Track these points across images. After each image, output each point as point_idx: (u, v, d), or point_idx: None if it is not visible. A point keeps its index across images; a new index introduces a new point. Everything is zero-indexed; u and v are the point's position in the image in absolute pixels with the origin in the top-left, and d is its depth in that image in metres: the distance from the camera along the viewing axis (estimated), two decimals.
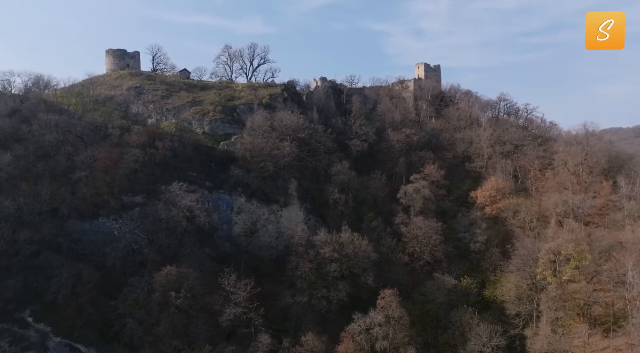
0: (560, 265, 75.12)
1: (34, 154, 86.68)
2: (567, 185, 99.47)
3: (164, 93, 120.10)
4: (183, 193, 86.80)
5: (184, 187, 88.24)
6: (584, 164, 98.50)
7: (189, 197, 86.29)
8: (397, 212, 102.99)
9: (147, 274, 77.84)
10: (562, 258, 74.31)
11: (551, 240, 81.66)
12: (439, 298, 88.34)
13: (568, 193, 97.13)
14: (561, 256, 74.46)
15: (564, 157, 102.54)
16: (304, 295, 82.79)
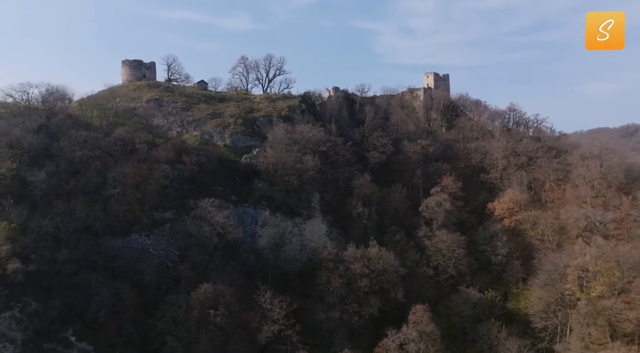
0: (588, 281, 77.24)
1: (65, 171, 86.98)
2: (585, 199, 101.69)
3: (183, 105, 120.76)
4: (214, 209, 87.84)
5: (215, 203, 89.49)
6: (602, 179, 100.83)
7: (221, 213, 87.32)
8: (419, 225, 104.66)
9: (183, 291, 78.93)
10: (590, 274, 76.41)
11: (576, 255, 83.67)
12: (464, 311, 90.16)
13: (587, 207, 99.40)
14: (589, 272, 76.55)
15: (583, 171, 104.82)
16: (336, 310, 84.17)
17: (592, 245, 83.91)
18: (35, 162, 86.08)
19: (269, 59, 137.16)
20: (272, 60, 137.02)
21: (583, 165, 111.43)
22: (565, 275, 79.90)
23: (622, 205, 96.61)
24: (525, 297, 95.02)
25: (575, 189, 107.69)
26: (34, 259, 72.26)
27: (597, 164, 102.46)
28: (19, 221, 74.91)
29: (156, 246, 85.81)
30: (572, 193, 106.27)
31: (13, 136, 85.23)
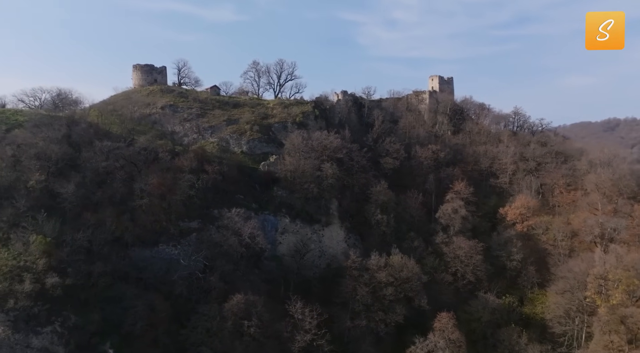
0: (607, 289, 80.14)
1: (91, 182, 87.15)
2: (596, 206, 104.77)
3: (198, 111, 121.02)
4: (241, 219, 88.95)
5: (241, 213, 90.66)
6: (613, 186, 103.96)
7: (249, 223, 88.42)
8: (436, 232, 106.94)
9: (214, 301, 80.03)
10: (610, 282, 79.30)
11: (595, 263, 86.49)
12: (484, 316, 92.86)
13: (599, 213, 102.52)
14: (609, 281, 79.42)
15: (594, 178, 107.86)
16: (362, 318, 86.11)
17: (609, 254, 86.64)
18: (61, 173, 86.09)
19: (281, 63, 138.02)
20: (283, 65, 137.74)
21: (592, 171, 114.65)
22: (585, 283, 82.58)
23: (633, 213, 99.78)
24: (541, 302, 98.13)
25: (586, 195, 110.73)
26: (70, 273, 72.57)
27: (609, 172, 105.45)
28: (53, 234, 75.14)
29: (184, 256, 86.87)
30: (583, 199, 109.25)
31: (40, 147, 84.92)
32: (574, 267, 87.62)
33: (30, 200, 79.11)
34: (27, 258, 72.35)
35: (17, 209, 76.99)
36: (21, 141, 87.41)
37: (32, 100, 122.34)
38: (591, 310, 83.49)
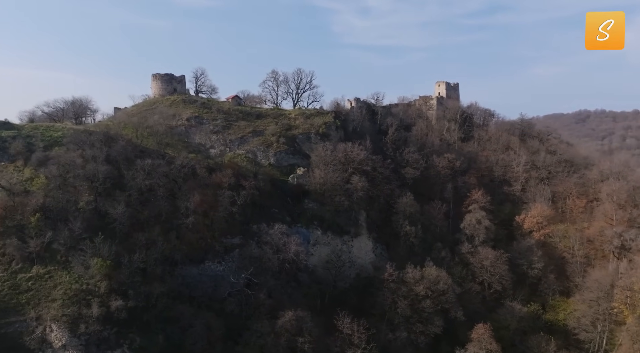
0: (633, 301, 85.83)
1: (136, 201, 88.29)
2: (611, 216, 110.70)
3: (223, 122, 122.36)
4: (284, 236, 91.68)
5: (283, 229, 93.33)
6: (628, 198, 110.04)
7: (293, 240, 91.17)
8: (461, 242, 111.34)
9: (264, 318, 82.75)
10: (637, 294, 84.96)
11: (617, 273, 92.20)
12: (512, 324, 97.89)
13: (614, 224, 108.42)
14: (635, 292, 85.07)
15: (609, 189, 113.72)
16: (402, 330, 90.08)
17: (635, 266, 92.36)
18: (108, 192, 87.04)
19: (299, 73, 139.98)
20: (301, 74, 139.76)
21: (604, 181, 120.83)
22: (610, 294, 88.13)
23: None
24: (563, 309, 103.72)
25: (599, 205, 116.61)
26: (131, 295, 74.22)
27: (624, 184, 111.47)
28: (110, 257, 76.51)
29: (228, 273, 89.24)
30: (597, 209, 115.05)
31: (87, 168, 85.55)
32: (600, 278, 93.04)
33: (82, 222, 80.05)
34: (89, 282, 73.86)
35: (72, 232, 77.94)
36: (66, 161, 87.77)
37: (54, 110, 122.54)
38: (617, 320, 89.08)
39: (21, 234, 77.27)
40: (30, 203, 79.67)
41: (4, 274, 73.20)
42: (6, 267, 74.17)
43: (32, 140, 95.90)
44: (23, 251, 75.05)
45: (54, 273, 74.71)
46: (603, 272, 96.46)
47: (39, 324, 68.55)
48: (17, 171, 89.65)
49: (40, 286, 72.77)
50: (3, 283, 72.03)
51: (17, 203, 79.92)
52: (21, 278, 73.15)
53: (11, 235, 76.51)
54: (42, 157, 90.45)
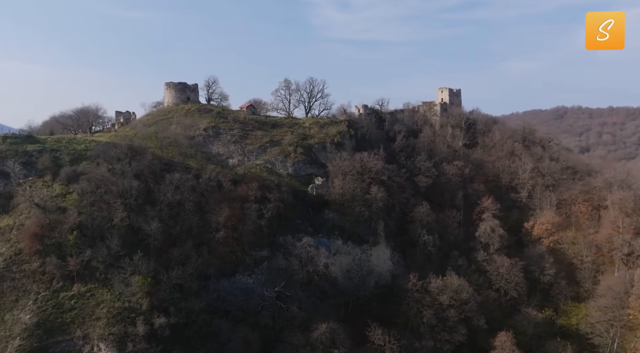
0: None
1: (167, 215, 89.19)
2: (618, 223, 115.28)
3: (240, 132, 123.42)
4: (313, 249, 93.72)
5: (310, 242, 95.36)
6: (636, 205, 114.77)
7: (322, 253, 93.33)
8: (477, 250, 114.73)
9: (297, 330, 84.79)
10: None
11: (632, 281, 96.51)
12: (528, 330, 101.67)
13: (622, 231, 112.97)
14: None
15: (616, 198, 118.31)
16: (428, 338, 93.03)
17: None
18: (139, 208, 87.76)
19: (311, 82, 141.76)
20: (314, 83, 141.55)
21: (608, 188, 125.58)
22: (626, 301, 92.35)
23: None
24: (576, 314, 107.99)
25: (606, 212, 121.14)
26: (172, 312, 75.57)
27: (630, 193, 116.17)
28: (149, 273, 77.62)
29: (258, 285, 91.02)
30: (604, 216, 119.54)
31: (119, 184, 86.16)
32: (613, 285, 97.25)
33: (118, 239, 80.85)
34: (131, 299, 74.91)
35: (110, 249, 78.77)
36: (97, 177, 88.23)
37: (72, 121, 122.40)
38: (630, 325, 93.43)
39: (59, 252, 77.88)
40: (66, 221, 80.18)
41: (47, 293, 73.87)
42: (47, 285, 74.85)
43: (58, 155, 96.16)
44: (63, 269, 75.79)
45: (95, 291, 75.61)
46: (614, 279, 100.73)
47: (85, 343, 69.53)
48: (46, 186, 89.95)
49: (83, 304, 73.63)
50: (47, 302, 72.73)
51: (52, 220, 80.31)
52: (63, 297, 73.92)
53: (50, 253, 77.09)
54: (70, 172, 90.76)
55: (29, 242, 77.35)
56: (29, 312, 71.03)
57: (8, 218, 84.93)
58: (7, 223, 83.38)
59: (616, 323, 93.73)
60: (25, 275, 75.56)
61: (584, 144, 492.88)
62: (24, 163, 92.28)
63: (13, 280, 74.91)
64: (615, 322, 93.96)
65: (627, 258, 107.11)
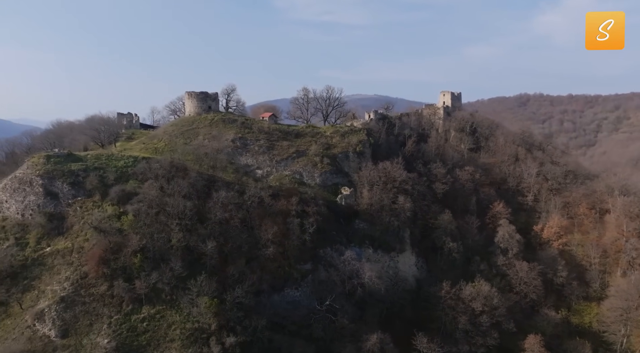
0: None
1: (218, 233, 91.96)
2: (622, 227, 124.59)
3: (266, 143, 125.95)
4: (356, 262, 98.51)
5: (353, 255, 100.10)
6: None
7: (367, 266, 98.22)
8: (496, 254, 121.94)
9: (346, 341, 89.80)
10: None
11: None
12: (547, 330, 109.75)
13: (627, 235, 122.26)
14: None
15: (621, 203, 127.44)
16: (463, 343, 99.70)
17: None
18: (192, 227, 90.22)
19: (329, 90, 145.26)
20: (332, 92, 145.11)
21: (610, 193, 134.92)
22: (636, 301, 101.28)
23: None
24: (588, 313, 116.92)
25: (610, 216, 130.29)
26: (239, 330, 79.15)
27: (634, 199, 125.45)
28: (213, 293, 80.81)
29: (304, 297, 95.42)
30: (609, 220, 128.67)
31: (176, 205, 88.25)
32: (627, 288, 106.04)
33: (177, 260, 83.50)
34: (199, 319, 77.99)
35: (173, 270, 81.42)
36: (150, 197, 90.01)
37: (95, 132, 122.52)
38: None
39: (125, 275, 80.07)
40: (129, 244, 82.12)
41: (119, 316, 76.23)
42: (118, 308, 77.14)
43: (102, 173, 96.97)
44: (132, 292, 78.10)
45: (164, 313, 78.40)
46: (625, 281, 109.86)
47: None
48: (97, 207, 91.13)
49: (156, 326, 76.41)
50: (121, 326, 75.17)
51: (114, 243, 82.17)
52: (135, 320, 76.47)
53: (117, 276, 79.21)
54: (119, 192, 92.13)
55: (95, 266, 79.14)
56: (106, 336, 73.38)
57: (64, 240, 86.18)
58: (66, 246, 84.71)
59: (629, 323, 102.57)
60: (94, 299, 77.54)
61: (547, 131, 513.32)
62: (71, 183, 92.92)
63: (84, 304, 76.81)
64: (629, 322, 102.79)
65: (635, 261, 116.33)
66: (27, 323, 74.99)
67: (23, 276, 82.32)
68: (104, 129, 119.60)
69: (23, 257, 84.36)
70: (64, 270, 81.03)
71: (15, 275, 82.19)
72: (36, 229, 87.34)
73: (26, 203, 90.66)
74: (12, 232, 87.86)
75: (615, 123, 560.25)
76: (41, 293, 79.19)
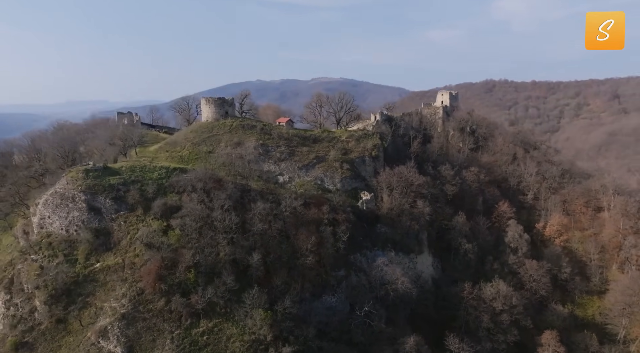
0: None
1: (259, 244, 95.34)
2: (619, 225, 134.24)
3: (287, 149, 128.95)
4: (389, 269, 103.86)
5: (385, 261, 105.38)
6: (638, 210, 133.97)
7: (398, 271, 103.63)
8: (507, 254, 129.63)
9: (384, 344, 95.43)
10: None
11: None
12: (557, 324, 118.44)
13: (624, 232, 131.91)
14: None
15: (617, 203, 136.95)
16: (487, 341, 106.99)
17: None
18: (236, 240, 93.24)
19: (342, 95, 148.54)
20: (344, 97, 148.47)
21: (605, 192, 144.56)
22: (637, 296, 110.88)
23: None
24: (591, 307, 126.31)
25: (605, 214, 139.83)
26: (292, 340, 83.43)
27: (632, 199, 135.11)
28: (266, 305, 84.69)
29: (339, 303, 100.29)
30: (608, 219, 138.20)
31: (221, 219, 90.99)
32: (630, 284, 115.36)
33: (230, 273, 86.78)
34: (255, 331, 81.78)
35: (225, 284, 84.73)
36: (196, 212, 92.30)
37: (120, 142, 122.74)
38: None
39: (181, 290, 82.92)
40: (182, 259, 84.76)
41: (180, 331, 79.29)
42: (177, 323, 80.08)
43: (141, 186, 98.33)
44: (189, 307, 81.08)
45: (221, 326, 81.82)
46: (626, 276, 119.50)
47: None
48: (140, 221, 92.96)
49: (215, 340, 79.83)
50: (183, 340, 78.28)
51: (167, 259, 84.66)
52: (196, 334, 79.68)
53: (174, 292, 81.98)
54: (162, 206, 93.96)
55: (152, 282, 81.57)
56: (170, 351, 76.43)
57: (113, 256, 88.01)
58: (116, 262, 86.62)
59: (631, 316, 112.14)
60: (154, 315, 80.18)
61: (513, 117, 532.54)
62: (114, 198, 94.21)
63: (145, 320, 79.40)
64: (631, 316, 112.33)
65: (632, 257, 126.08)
66: (91, 341, 77.15)
67: (77, 293, 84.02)
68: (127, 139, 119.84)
69: (74, 273, 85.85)
70: (119, 287, 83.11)
71: (69, 292, 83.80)
72: (83, 245, 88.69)
73: (70, 219, 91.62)
74: (60, 248, 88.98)
75: (576, 109, 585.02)
76: (99, 310, 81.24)
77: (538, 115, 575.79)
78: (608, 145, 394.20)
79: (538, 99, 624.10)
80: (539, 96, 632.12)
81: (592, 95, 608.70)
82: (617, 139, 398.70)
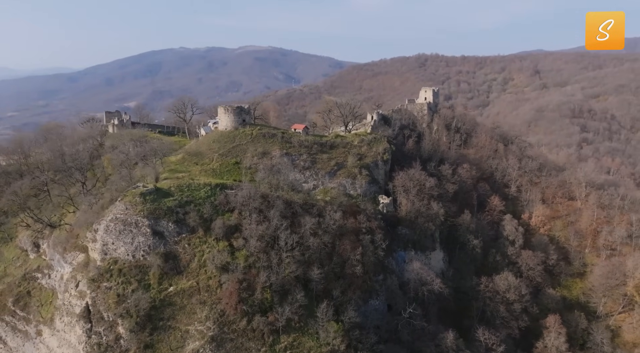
0: None
1: (315, 258, 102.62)
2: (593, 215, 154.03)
3: (308, 157, 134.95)
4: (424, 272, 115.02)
5: (419, 265, 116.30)
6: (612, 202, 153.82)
7: (432, 274, 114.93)
8: (506, 246, 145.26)
9: (427, 340, 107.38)
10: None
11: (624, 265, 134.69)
12: (551, 306, 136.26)
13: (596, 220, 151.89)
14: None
15: (593, 195, 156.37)
16: (502, 328, 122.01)
17: None
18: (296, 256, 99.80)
19: (350, 103, 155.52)
20: (352, 102, 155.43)
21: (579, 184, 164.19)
22: (625, 282, 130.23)
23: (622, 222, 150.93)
24: (575, 288, 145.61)
25: (581, 205, 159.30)
26: (360, 348, 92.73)
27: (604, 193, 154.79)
28: (335, 318, 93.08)
29: (382, 305, 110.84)
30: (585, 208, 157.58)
31: (287, 239, 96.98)
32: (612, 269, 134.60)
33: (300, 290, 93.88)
34: (329, 342, 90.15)
35: (299, 301, 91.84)
36: (258, 232, 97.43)
37: None
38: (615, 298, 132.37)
39: (260, 309, 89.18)
40: (257, 280, 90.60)
41: (265, 348, 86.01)
42: (262, 341, 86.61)
43: (195, 207, 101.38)
44: (271, 325, 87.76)
45: (299, 340, 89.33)
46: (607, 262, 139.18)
47: None
48: (203, 243, 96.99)
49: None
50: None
51: (243, 280, 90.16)
52: (279, 349, 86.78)
53: (255, 312, 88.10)
54: (222, 226, 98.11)
55: (233, 303, 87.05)
56: None
57: (185, 279, 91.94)
58: (191, 285, 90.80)
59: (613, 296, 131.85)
60: (239, 335, 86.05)
61: (447, 91, 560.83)
62: (175, 221, 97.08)
63: (232, 340, 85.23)
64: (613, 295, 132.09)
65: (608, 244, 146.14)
66: None
67: (157, 318, 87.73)
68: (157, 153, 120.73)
69: (150, 298, 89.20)
70: (199, 310, 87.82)
71: (149, 318, 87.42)
72: (154, 270, 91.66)
73: (136, 244, 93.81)
74: (131, 274, 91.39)
75: (502, 84, 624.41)
76: (185, 333, 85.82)
77: (469, 90, 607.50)
78: (536, 121, 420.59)
79: (468, 73, 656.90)
80: (468, 71, 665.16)
81: (516, 71, 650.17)
82: (544, 115, 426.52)
